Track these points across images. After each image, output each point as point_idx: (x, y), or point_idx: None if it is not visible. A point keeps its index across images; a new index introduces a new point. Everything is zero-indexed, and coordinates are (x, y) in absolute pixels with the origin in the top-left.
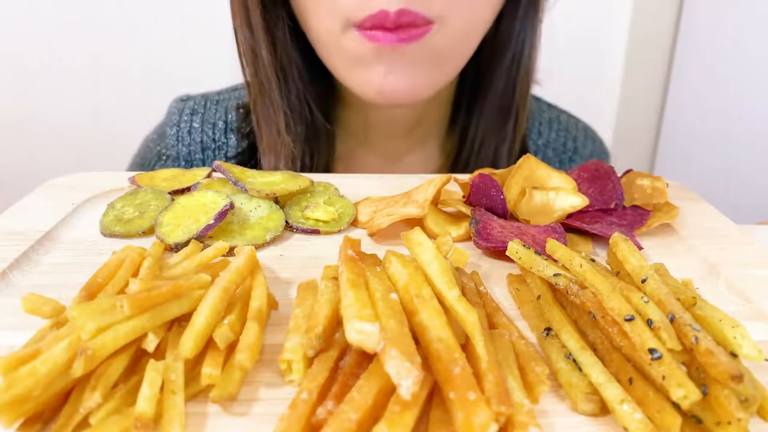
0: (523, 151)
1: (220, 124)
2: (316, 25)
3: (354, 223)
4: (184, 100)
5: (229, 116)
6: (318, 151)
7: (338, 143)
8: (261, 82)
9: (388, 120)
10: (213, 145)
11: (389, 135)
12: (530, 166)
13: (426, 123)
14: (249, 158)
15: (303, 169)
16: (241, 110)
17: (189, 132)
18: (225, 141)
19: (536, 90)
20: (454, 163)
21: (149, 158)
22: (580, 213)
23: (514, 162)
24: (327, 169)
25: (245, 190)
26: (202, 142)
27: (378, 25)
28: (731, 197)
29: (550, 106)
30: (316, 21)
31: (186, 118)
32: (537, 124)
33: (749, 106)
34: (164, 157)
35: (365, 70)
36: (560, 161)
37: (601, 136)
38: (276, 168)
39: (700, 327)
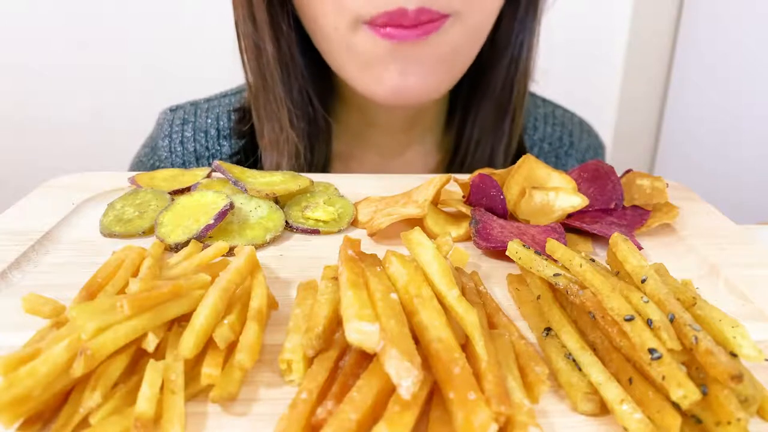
0: (520, 150)
1: (212, 132)
2: (323, 22)
3: (354, 223)
4: (173, 110)
5: (221, 123)
6: (318, 146)
7: (336, 140)
8: (264, 77)
9: (386, 117)
10: (206, 153)
11: (387, 132)
12: (530, 165)
13: (423, 120)
14: (245, 160)
15: (305, 164)
16: (237, 113)
17: (181, 142)
18: (218, 148)
19: (536, 90)
20: (452, 161)
21: None
22: (580, 213)
23: (511, 161)
24: (326, 164)
25: (245, 190)
26: (195, 151)
27: (394, 22)
28: (731, 197)
29: (544, 101)
30: (323, 18)
31: (177, 128)
32: (532, 119)
33: (749, 106)
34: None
35: (378, 70)
36: (556, 155)
37: (596, 130)
38: (278, 164)
39: (700, 327)
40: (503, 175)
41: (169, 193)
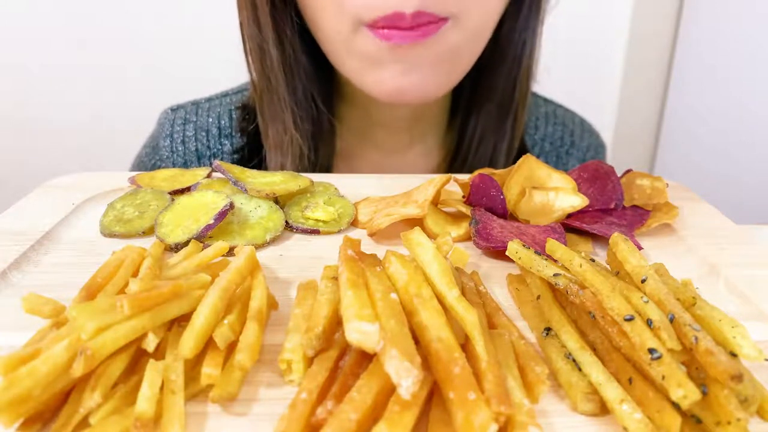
0: (522, 149)
1: (214, 131)
2: (325, 26)
3: (354, 223)
4: (175, 109)
5: (222, 122)
6: (322, 147)
7: (339, 139)
8: (268, 78)
9: (388, 116)
10: (208, 153)
11: (389, 131)
12: (530, 165)
13: (425, 119)
14: (249, 160)
15: (309, 166)
16: (239, 111)
17: (183, 141)
18: (220, 147)
19: (537, 89)
20: (453, 160)
21: None
22: (580, 213)
23: (513, 160)
24: (329, 164)
25: (245, 190)
26: (197, 150)
27: (392, 25)
28: (731, 197)
29: (546, 100)
30: (325, 21)
31: (178, 127)
32: (534, 118)
33: (749, 106)
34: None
35: (379, 70)
36: (557, 155)
37: (597, 129)
38: (283, 165)
39: (699, 327)
40: (503, 175)
41: (169, 193)
